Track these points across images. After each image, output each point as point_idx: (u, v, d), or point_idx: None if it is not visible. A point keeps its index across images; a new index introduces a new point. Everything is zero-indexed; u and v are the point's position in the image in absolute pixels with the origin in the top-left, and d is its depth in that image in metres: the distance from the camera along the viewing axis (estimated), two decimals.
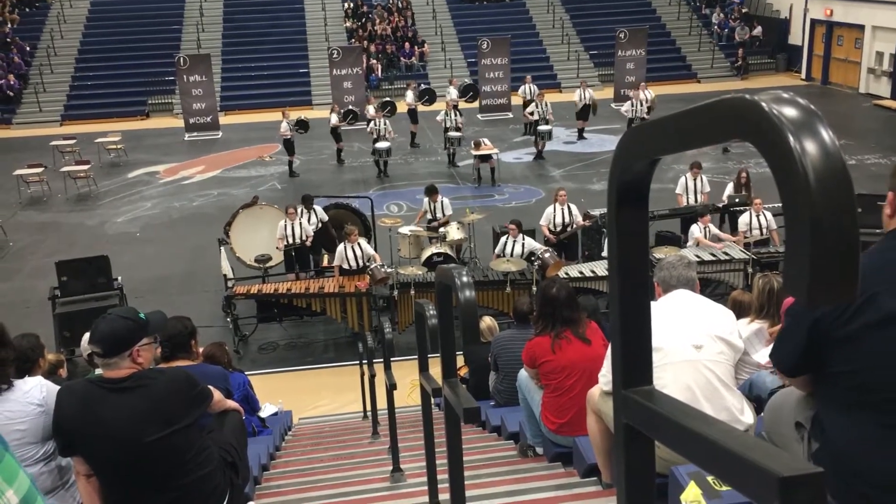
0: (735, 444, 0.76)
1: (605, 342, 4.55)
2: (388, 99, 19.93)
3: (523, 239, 10.68)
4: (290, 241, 11.39)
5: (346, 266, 10.63)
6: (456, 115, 18.27)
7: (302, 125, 17.82)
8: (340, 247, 10.69)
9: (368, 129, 17.91)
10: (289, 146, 17.84)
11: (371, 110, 18.95)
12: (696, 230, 10.87)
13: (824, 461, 2.17)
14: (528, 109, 18.99)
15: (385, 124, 17.72)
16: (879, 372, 2.02)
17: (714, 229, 11.13)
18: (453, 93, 20.60)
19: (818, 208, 0.63)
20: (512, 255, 10.54)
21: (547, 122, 18.54)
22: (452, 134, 18.15)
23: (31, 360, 3.84)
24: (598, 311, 6.10)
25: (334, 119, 18.61)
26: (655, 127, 0.84)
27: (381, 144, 17.48)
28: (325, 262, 11.93)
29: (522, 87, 21.05)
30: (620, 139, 0.93)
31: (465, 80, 22.25)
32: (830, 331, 2.09)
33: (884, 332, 1.99)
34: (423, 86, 20.84)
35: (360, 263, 10.62)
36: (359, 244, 10.67)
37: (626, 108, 18.82)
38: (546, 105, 18.54)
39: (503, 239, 10.83)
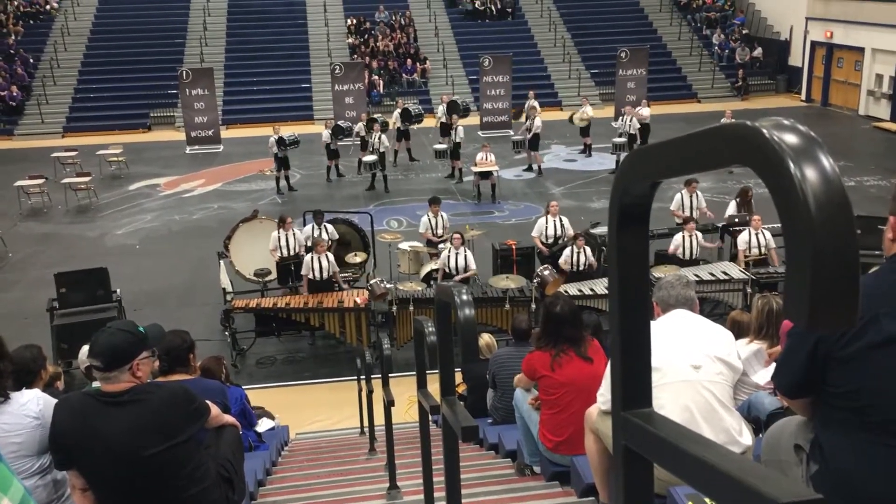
0: (734, 468, 0.76)
1: (606, 361, 4.54)
2: (377, 116, 19.91)
3: (465, 252, 10.81)
4: (285, 252, 11.36)
5: (311, 276, 10.67)
6: (453, 132, 18.32)
7: (281, 143, 17.58)
8: (308, 257, 10.74)
9: (370, 142, 17.91)
10: (277, 162, 17.64)
11: (360, 127, 18.89)
12: (677, 238, 10.92)
13: (824, 483, 2.17)
14: (526, 125, 19.13)
15: (379, 139, 17.71)
16: (881, 393, 2.03)
17: (700, 238, 11.12)
18: (439, 110, 20.61)
19: (818, 234, 0.64)
20: (456, 267, 10.63)
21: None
22: (437, 146, 18.42)
23: (32, 371, 3.82)
24: (600, 328, 6.08)
25: (325, 135, 18.50)
26: (657, 150, 0.85)
27: (367, 158, 17.53)
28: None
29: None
30: (622, 161, 0.94)
31: (454, 98, 21.95)
32: (832, 352, 2.10)
33: (886, 353, 2.00)
34: (406, 105, 20.82)
35: (326, 275, 10.65)
36: (326, 256, 10.71)
37: (619, 123, 19.14)
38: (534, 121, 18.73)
39: (444, 253, 10.90)
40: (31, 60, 27.32)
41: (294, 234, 11.48)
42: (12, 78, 26.14)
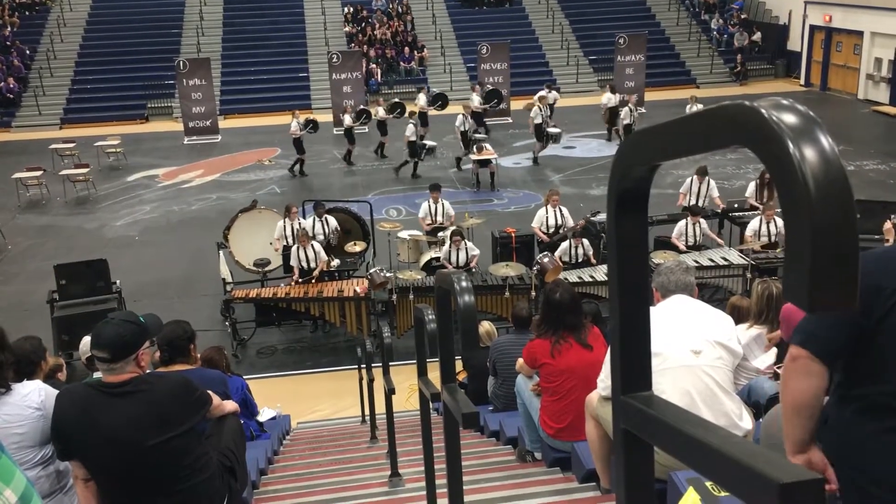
0: (735, 450, 0.76)
1: (606, 348, 4.54)
2: (397, 100, 20.12)
3: (465, 245, 10.83)
4: (290, 241, 11.35)
5: (300, 267, 10.68)
6: (469, 120, 18.33)
7: (312, 125, 18.12)
8: (294, 248, 10.74)
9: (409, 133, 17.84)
10: (298, 146, 18.09)
11: (381, 112, 19.15)
12: (680, 225, 10.91)
13: (828, 459, 2.16)
14: (532, 113, 19.04)
15: (416, 125, 18.08)
16: None
17: (705, 228, 11.08)
18: (475, 99, 20.55)
19: (818, 215, 0.63)
20: (457, 263, 10.67)
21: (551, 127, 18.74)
22: (478, 135, 18.19)
23: (33, 362, 3.83)
24: (600, 315, 6.09)
25: (348, 120, 18.97)
26: (655, 133, 0.84)
27: (428, 142, 17.87)
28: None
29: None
30: (620, 145, 0.93)
31: (488, 87, 22.06)
32: (870, 326, 2.05)
33: None
34: (434, 90, 20.86)
35: (314, 265, 10.70)
36: (312, 246, 10.74)
37: (623, 113, 19.04)
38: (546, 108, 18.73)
39: (445, 248, 10.91)
40: (28, 52, 27.21)
41: (300, 223, 11.48)
42: (9, 70, 26.05)
